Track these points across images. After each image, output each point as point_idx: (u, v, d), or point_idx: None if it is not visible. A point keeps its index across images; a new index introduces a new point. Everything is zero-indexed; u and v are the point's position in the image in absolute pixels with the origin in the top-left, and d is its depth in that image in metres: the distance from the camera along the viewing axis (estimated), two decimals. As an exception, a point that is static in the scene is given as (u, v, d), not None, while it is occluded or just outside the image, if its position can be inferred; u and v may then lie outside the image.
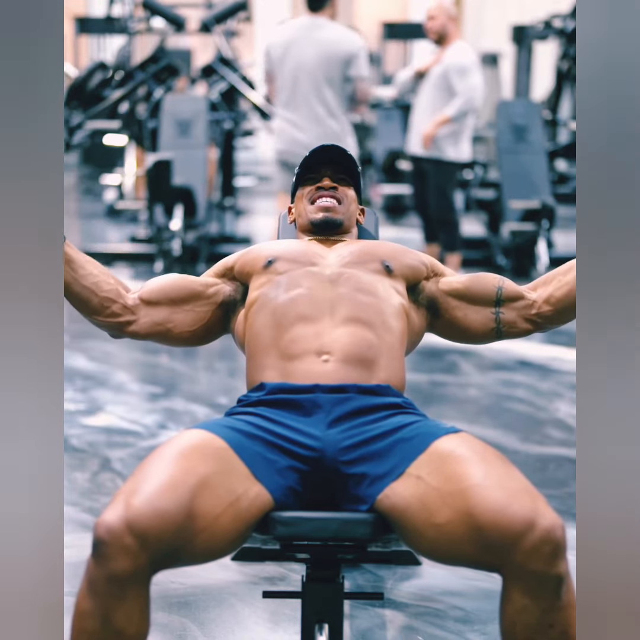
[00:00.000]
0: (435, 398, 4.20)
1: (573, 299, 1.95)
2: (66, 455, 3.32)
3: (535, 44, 10.43)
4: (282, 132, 5.21)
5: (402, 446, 1.68)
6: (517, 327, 2.01)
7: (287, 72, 5.13)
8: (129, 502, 1.52)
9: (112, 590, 1.50)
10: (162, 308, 2.01)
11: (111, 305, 1.97)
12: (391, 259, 2.00)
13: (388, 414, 1.76)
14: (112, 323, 1.99)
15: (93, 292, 1.95)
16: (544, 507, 1.52)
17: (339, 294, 1.90)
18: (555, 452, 3.51)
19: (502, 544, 1.50)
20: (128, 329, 2.00)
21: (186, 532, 1.54)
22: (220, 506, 1.58)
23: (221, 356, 4.79)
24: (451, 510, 1.56)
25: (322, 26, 5.09)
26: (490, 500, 1.53)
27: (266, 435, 1.72)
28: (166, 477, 1.56)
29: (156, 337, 2.03)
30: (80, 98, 7.08)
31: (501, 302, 2.01)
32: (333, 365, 1.80)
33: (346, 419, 1.74)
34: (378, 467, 1.67)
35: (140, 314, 2.00)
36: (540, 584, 1.50)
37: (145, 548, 1.50)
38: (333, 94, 5.11)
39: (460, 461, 1.61)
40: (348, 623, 2.32)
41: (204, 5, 8.78)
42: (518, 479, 1.58)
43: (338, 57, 5.04)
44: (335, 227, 2.10)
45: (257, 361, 1.88)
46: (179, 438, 1.68)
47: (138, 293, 2.02)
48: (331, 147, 2.13)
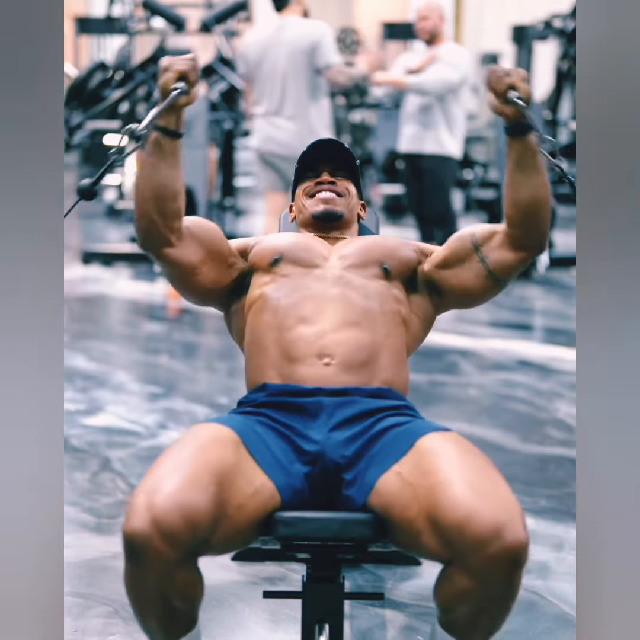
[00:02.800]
0: (435, 398, 4.20)
1: (523, 204, 1.89)
2: (66, 455, 3.31)
3: (535, 44, 10.41)
4: (260, 131, 5.39)
5: (391, 445, 1.69)
6: (507, 262, 1.95)
7: (263, 74, 5.32)
8: (153, 502, 1.50)
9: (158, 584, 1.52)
10: (201, 250, 1.94)
11: (176, 219, 1.90)
12: (389, 259, 1.99)
13: (386, 414, 1.77)
14: (162, 233, 1.89)
15: (176, 196, 1.88)
16: (515, 519, 1.49)
17: (339, 297, 1.90)
18: (555, 452, 3.51)
19: (462, 545, 1.49)
20: (166, 249, 1.91)
21: (215, 521, 1.54)
22: (243, 496, 1.60)
23: (221, 356, 4.79)
24: (420, 504, 1.56)
25: (288, 25, 5.24)
26: (458, 499, 1.51)
27: (273, 435, 1.73)
28: (189, 471, 1.55)
29: (179, 272, 1.94)
30: (80, 98, 7.08)
31: (479, 247, 1.97)
32: (334, 369, 1.81)
33: (348, 423, 1.75)
34: (368, 467, 1.69)
35: (183, 243, 1.92)
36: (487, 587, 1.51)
37: (177, 545, 1.49)
38: (306, 89, 5.24)
39: (437, 458, 1.60)
40: (348, 623, 2.31)
41: (204, 5, 8.77)
42: (496, 483, 1.55)
43: (302, 52, 5.19)
44: (336, 219, 2.09)
45: (258, 362, 1.88)
46: (196, 432, 1.67)
47: (187, 223, 1.94)
48: (329, 142, 2.13)
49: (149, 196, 1.87)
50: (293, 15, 5.25)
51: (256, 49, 5.31)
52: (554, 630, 2.33)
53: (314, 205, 2.09)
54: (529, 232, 1.94)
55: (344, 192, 2.10)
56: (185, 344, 5.08)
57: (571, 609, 2.41)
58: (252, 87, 5.44)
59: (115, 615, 2.33)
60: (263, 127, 5.36)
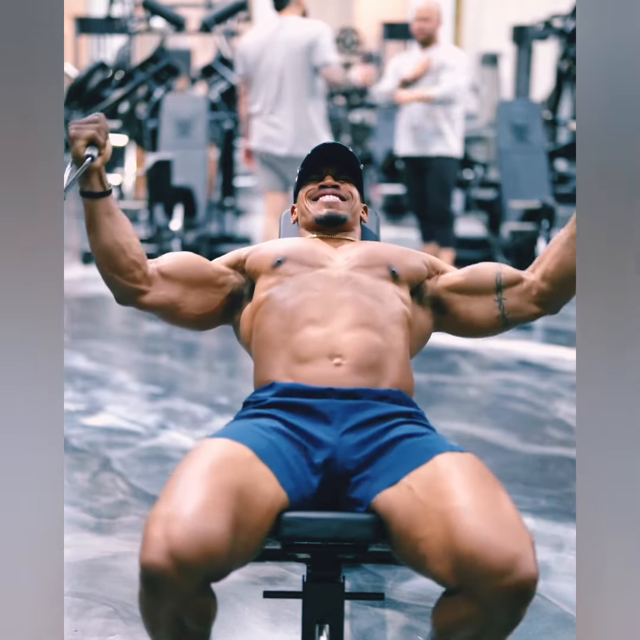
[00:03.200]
0: (435, 398, 4.20)
1: (567, 270, 1.92)
2: (66, 455, 3.31)
3: (535, 44, 10.42)
4: (257, 131, 5.38)
5: (403, 455, 1.68)
6: (522, 312, 1.99)
7: (261, 75, 5.31)
8: (169, 533, 1.47)
9: (173, 611, 1.51)
10: (177, 286, 1.98)
11: (135, 270, 1.93)
12: (397, 263, 1.99)
13: (399, 421, 1.76)
14: (128, 287, 1.94)
15: (124, 251, 1.92)
16: (528, 552, 1.48)
17: (347, 297, 1.89)
18: (555, 452, 3.51)
19: (474, 574, 1.47)
20: (140, 298, 1.96)
21: (232, 548, 1.51)
22: (259, 515, 1.57)
23: (221, 356, 4.79)
24: (432, 528, 1.54)
25: (287, 25, 5.24)
26: (472, 528, 1.49)
27: (287, 442, 1.71)
28: (203, 497, 1.52)
29: (162, 312, 1.99)
30: (80, 98, 7.09)
31: (502, 288, 1.99)
32: (345, 369, 1.80)
33: (359, 428, 1.74)
34: (377, 472, 1.68)
35: (155, 286, 1.96)
36: (493, 616, 1.49)
37: (194, 576, 1.47)
38: (305, 89, 5.24)
39: (452, 481, 1.58)
40: (348, 623, 2.31)
41: (204, 5, 8.78)
42: (510, 513, 1.53)
43: (300, 51, 5.19)
44: (340, 223, 2.09)
45: (267, 362, 1.86)
46: (207, 450, 1.63)
47: (157, 265, 1.98)
48: (333, 146, 2.13)
49: (100, 260, 1.93)
50: (292, 15, 5.26)
51: (255, 49, 5.32)
52: (554, 630, 2.33)
53: (318, 209, 2.09)
54: (561, 295, 1.98)
55: (347, 196, 2.11)
56: (185, 344, 5.08)
57: (571, 609, 2.41)
58: (250, 87, 5.44)
59: (115, 615, 2.33)
60: (260, 127, 5.36)
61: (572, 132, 8.78)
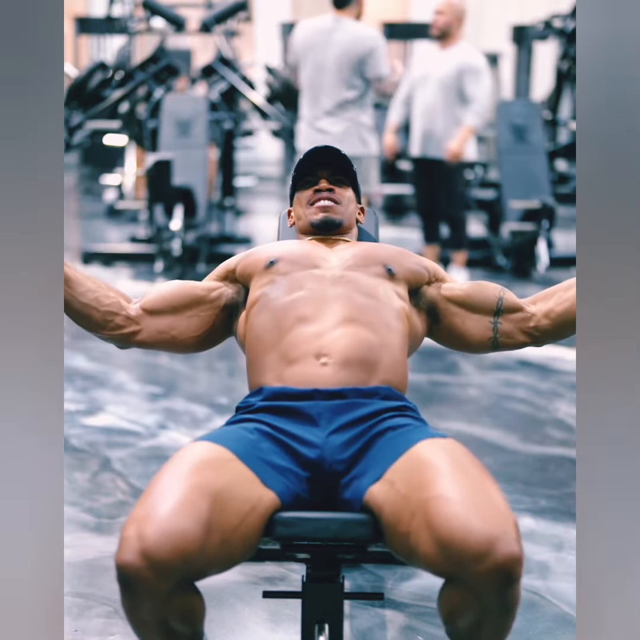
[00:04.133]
0: (435, 398, 4.20)
1: (573, 316, 1.95)
2: (66, 455, 3.32)
3: (535, 44, 10.42)
4: (303, 134, 5.24)
5: (386, 449, 1.69)
6: (513, 339, 2.02)
7: (308, 74, 5.15)
8: (142, 532, 1.48)
9: (153, 612, 1.51)
10: (165, 316, 2.01)
11: (114, 318, 1.98)
12: (393, 263, 2.00)
13: (385, 417, 1.77)
14: (117, 335, 2.00)
15: (94, 307, 1.96)
16: (509, 533, 1.48)
17: (339, 295, 1.90)
18: (555, 452, 3.51)
19: (457, 561, 1.48)
20: (134, 339, 2.00)
21: (207, 549, 1.51)
22: (237, 517, 1.57)
23: (221, 356, 4.79)
24: (417, 521, 1.54)
25: (342, 27, 5.08)
26: (451, 515, 1.49)
27: (270, 443, 1.72)
28: (180, 496, 1.53)
29: (162, 345, 2.03)
30: (80, 98, 7.09)
31: (501, 312, 2.02)
32: (331, 369, 1.80)
33: (346, 427, 1.75)
34: (363, 469, 1.69)
35: (144, 323, 2.00)
36: (482, 603, 1.49)
37: (168, 576, 1.48)
38: (352, 95, 5.09)
39: (432, 470, 1.58)
40: (348, 623, 2.32)
41: (204, 5, 8.78)
42: (490, 495, 1.54)
43: (352, 59, 5.03)
44: (335, 227, 2.11)
45: (258, 363, 1.88)
46: (187, 453, 1.65)
47: (140, 303, 2.02)
48: (326, 149, 2.14)
49: (79, 323, 1.99)
50: (349, 17, 5.08)
51: (304, 42, 5.13)
52: (554, 630, 2.33)
53: (313, 214, 2.11)
54: (557, 336, 2.02)
55: (342, 200, 2.12)
56: (185, 344, 5.08)
57: (571, 609, 2.41)
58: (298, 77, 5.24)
59: (115, 615, 2.33)
60: (307, 131, 5.20)
61: (572, 132, 8.79)
